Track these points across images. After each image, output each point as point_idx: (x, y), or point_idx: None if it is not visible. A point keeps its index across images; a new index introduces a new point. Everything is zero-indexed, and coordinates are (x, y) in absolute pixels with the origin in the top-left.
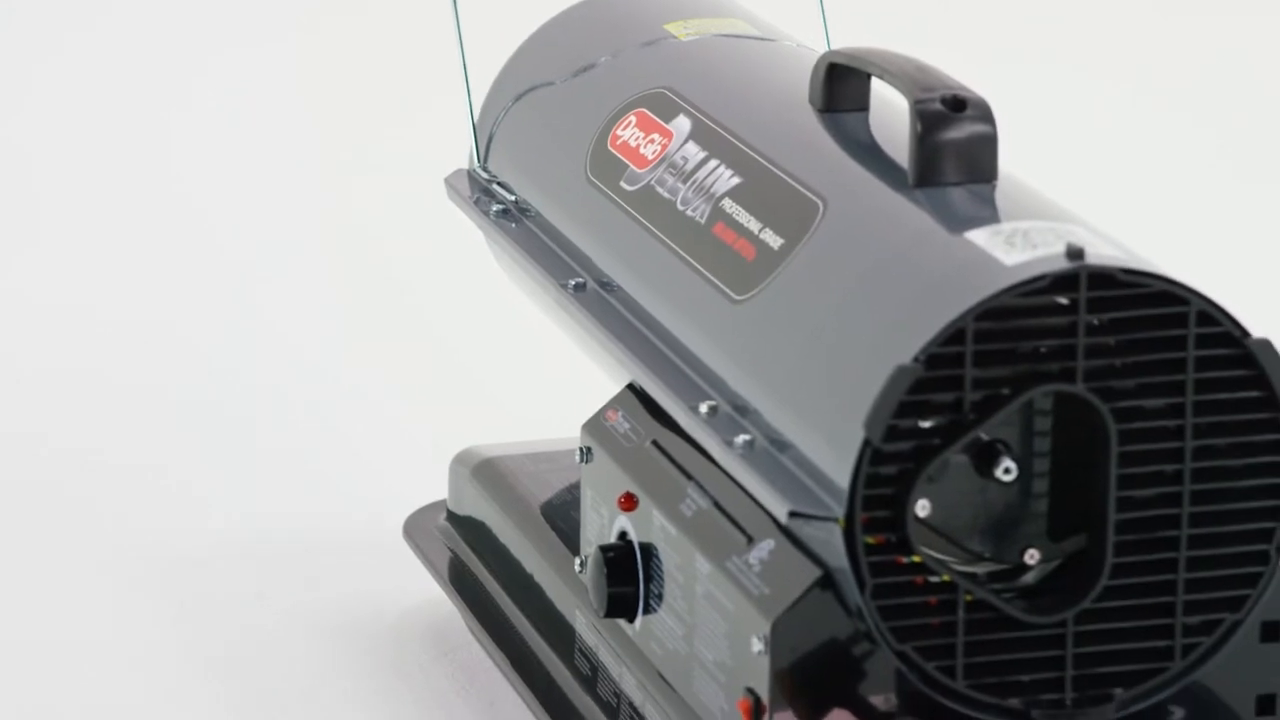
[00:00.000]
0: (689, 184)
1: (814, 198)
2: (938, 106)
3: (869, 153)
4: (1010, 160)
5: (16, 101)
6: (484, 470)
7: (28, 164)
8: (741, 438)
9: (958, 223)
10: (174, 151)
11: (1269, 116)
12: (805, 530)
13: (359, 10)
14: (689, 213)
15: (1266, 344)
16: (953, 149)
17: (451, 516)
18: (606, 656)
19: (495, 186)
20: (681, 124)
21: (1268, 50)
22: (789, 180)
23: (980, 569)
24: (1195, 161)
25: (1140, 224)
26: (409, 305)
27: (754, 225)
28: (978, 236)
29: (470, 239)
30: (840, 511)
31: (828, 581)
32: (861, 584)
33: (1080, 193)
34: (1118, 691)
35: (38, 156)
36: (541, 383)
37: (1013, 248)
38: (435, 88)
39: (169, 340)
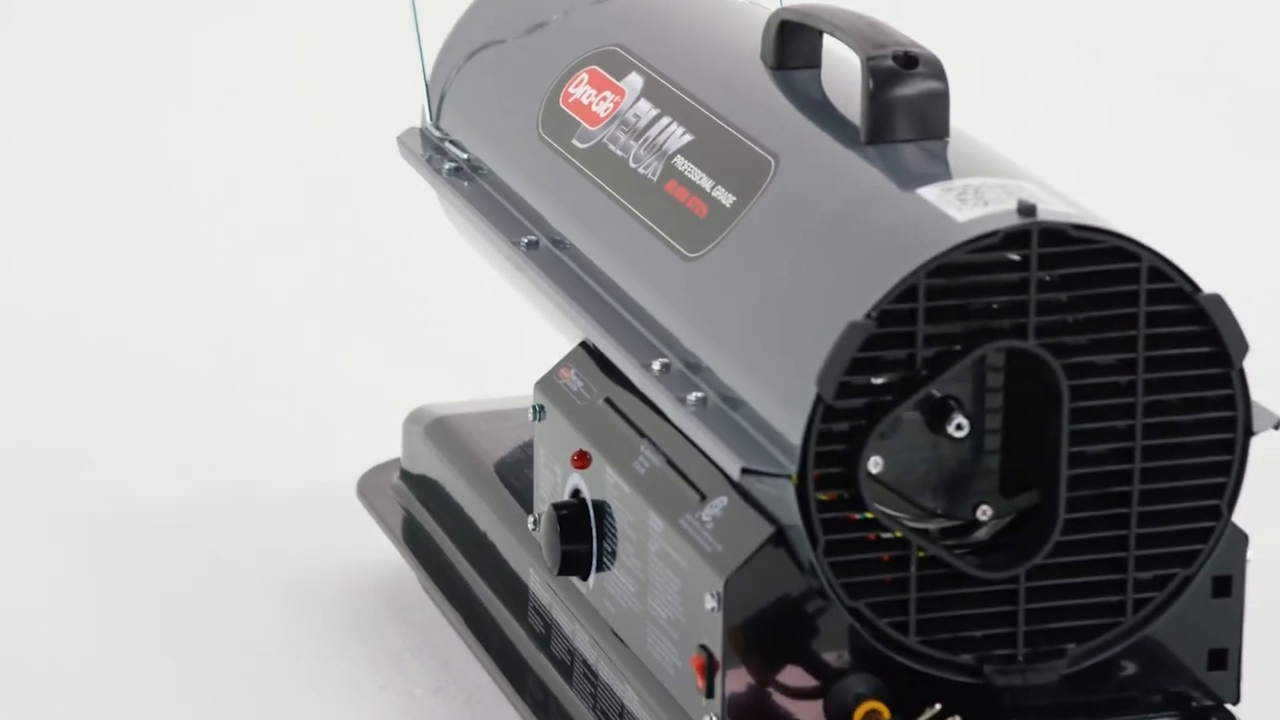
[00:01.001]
0: (641, 141)
1: (766, 155)
2: (889, 63)
3: (821, 110)
4: (963, 118)
5: None
6: (437, 429)
7: None
8: (694, 395)
9: (909, 180)
10: (136, 112)
11: (1223, 73)
12: (758, 487)
13: None
14: (641, 170)
15: (1217, 299)
16: (904, 106)
17: (405, 475)
18: (560, 614)
19: (448, 144)
20: (633, 81)
21: (1216, 5)
22: (741, 138)
23: (933, 525)
24: (1148, 118)
25: (1092, 181)
26: (360, 264)
27: (706, 183)
28: (929, 193)
29: (423, 197)
30: (793, 468)
31: (780, 538)
32: (814, 540)
33: (1032, 150)
34: (1070, 647)
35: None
36: (494, 341)
37: (964, 204)
38: (387, 45)
39: (120, 298)
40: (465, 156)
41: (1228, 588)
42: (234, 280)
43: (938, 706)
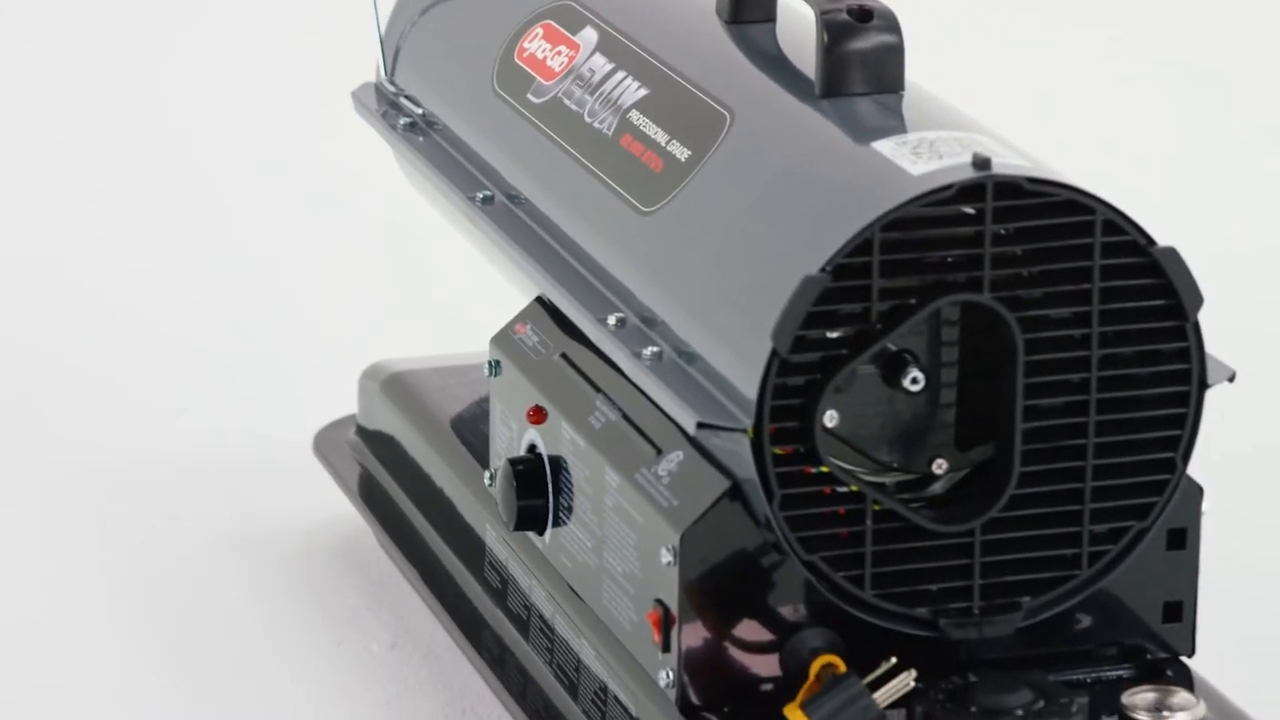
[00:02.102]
0: (596, 96)
1: (721, 109)
2: (844, 17)
3: (776, 64)
4: (918, 72)
5: None
6: (393, 385)
7: None
8: (649, 350)
9: (864, 133)
10: (101, 63)
11: (1179, 28)
12: (713, 441)
13: None
14: (596, 125)
15: (1172, 252)
16: (859, 59)
17: (361, 431)
18: (516, 569)
19: (403, 100)
20: (588, 36)
21: None
22: (696, 92)
23: (888, 479)
24: (1104, 74)
25: (1049, 136)
26: (315, 220)
27: (661, 137)
28: (884, 147)
29: (378, 152)
30: (748, 423)
31: (736, 492)
32: (770, 495)
33: (988, 105)
34: (1025, 600)
35: None
36: (450, 296)
37: (919, 158)
38: (342, 1)
39: (78, 248)
40: (420, 112)
41: (1182, 540)
42: (189, 235)
43: (893, 660)
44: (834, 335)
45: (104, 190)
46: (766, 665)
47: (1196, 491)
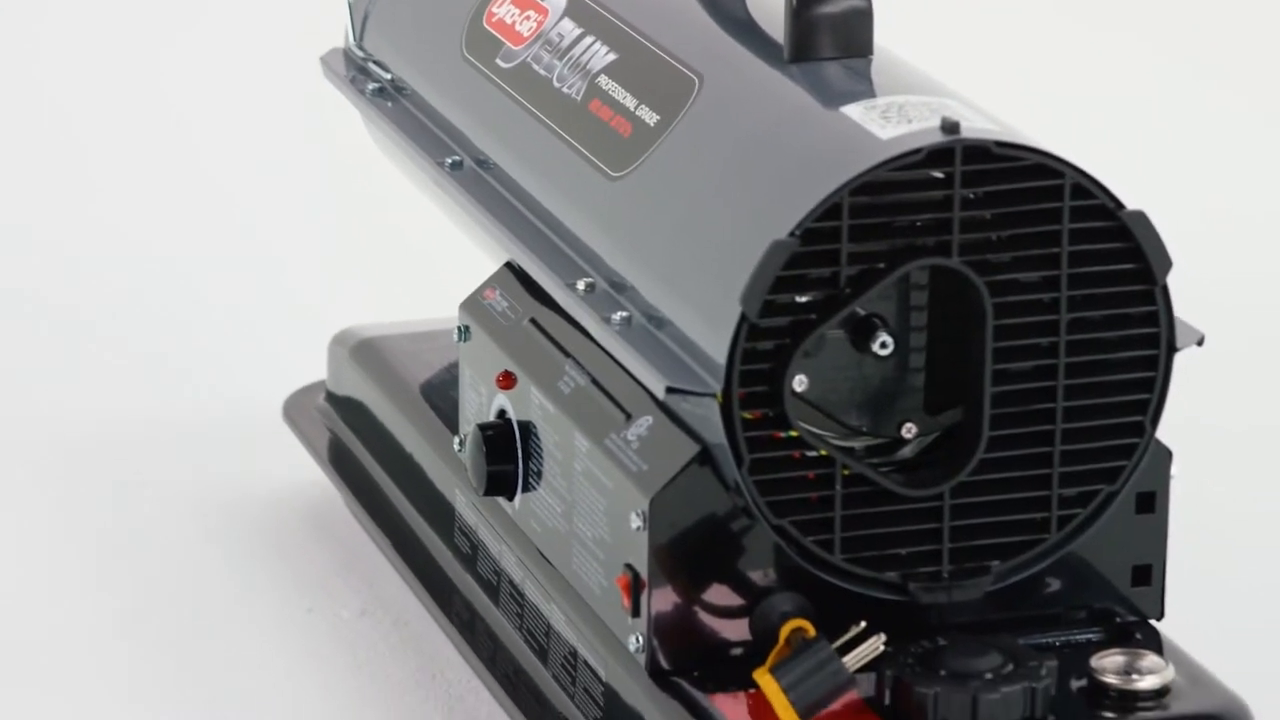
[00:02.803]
0: (565, 61)
1: (690, 74)
2: None
3: (745, 28)
4: (887, 36)
5: None
6: (362, 350)
7: None
8: (619, 314)
9: (833, 97)
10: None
11: None
12: (683, 406)
13: None
14: (565, 90)
15: (1141, 216)
16: (827, 23)
17: (330, 397)
18: (486, 535)
19: (371, 65)
20: (557, 0)
21: None
22: (665, 57)
23: (857, 443)
24: (1080, 37)
25: (1017, 99)
26: (285, 185)
27: (630, 102)
28: (853, 111)
29: (347, 117)
30: (717, 387)
31: (705, 457)
32: (739, 459)
33: (957, 70)
34: (994, 563)
35: None
36: (419, 262)
37: (888, 122)
38: None
39: (39, 211)
40: (389, 77)
41: (1151, 504)
42: (158, 199)
43: (863, 624)
44: (803, 300)
45: (73, 152)
46: (736, 630)
47: (1165, 455)
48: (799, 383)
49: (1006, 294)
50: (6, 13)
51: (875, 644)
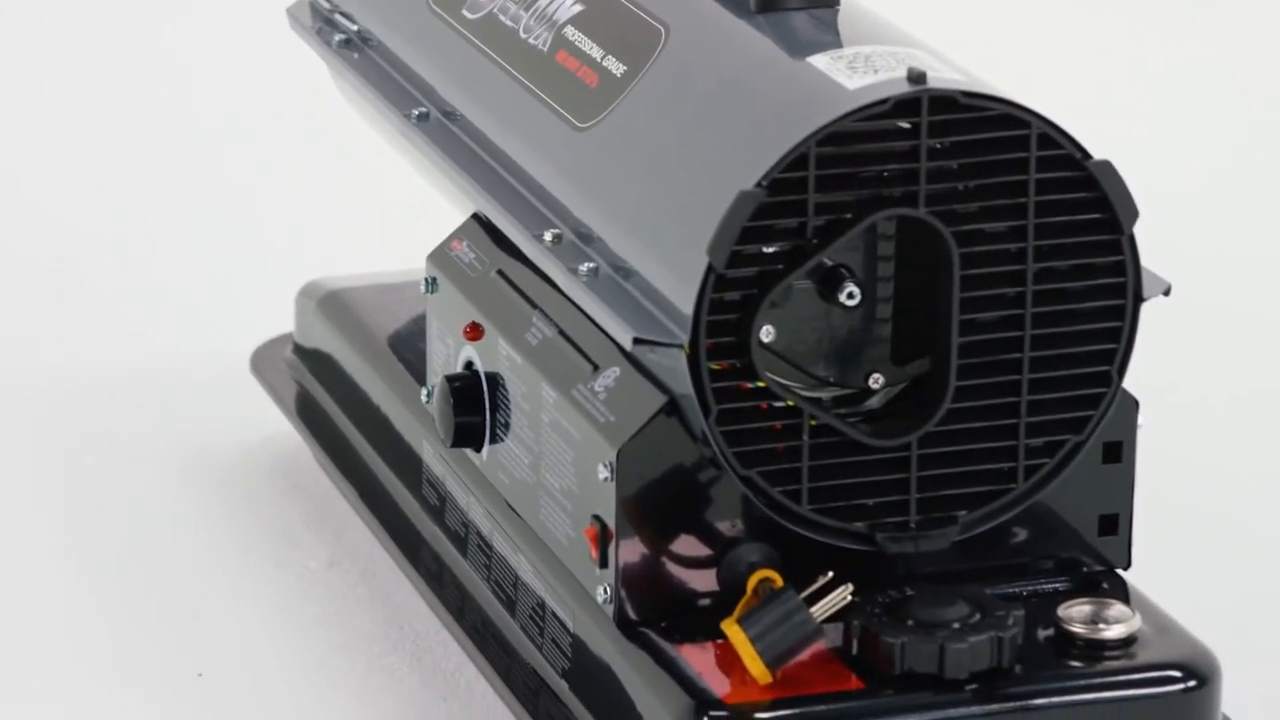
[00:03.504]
0: (531, 12)
1: (656, 24)
2: None
3: None
4: None
5: None
6: (330, 302)
7: None
8: (586, 265)
9: (799, 48)
10: None
11: None
12: (650, 357)
13: None
14: (531, 41)
15: (1107, 165)
16: None
17: (298, 349)
18: (454, 486)
19: (338, 16)
20: None
21: None
22: (631, 7)
23: (825, 394)
24: None
25: (984, 49)
26: (252, 138)
27: (596, 52)
28: (819, 61)
29: (313, 69)
30: (684, 338)
31: (673, 408)
32: (706, 410)
33: (924, 20)
34: (961, 513)
35: None
36: (386, 213)
37: (854, 72)
38: None
39: (7, 160)
40: (355, 28)
41: (1118, 454)
42: (125, 151)
43: (830, 574)
44: (770, 250)
45: (35, 103)
46: (704, 580)
47: (1132, 405)
48: (766, 333)
49: (973, 244)
50: None
51: (843, 594)
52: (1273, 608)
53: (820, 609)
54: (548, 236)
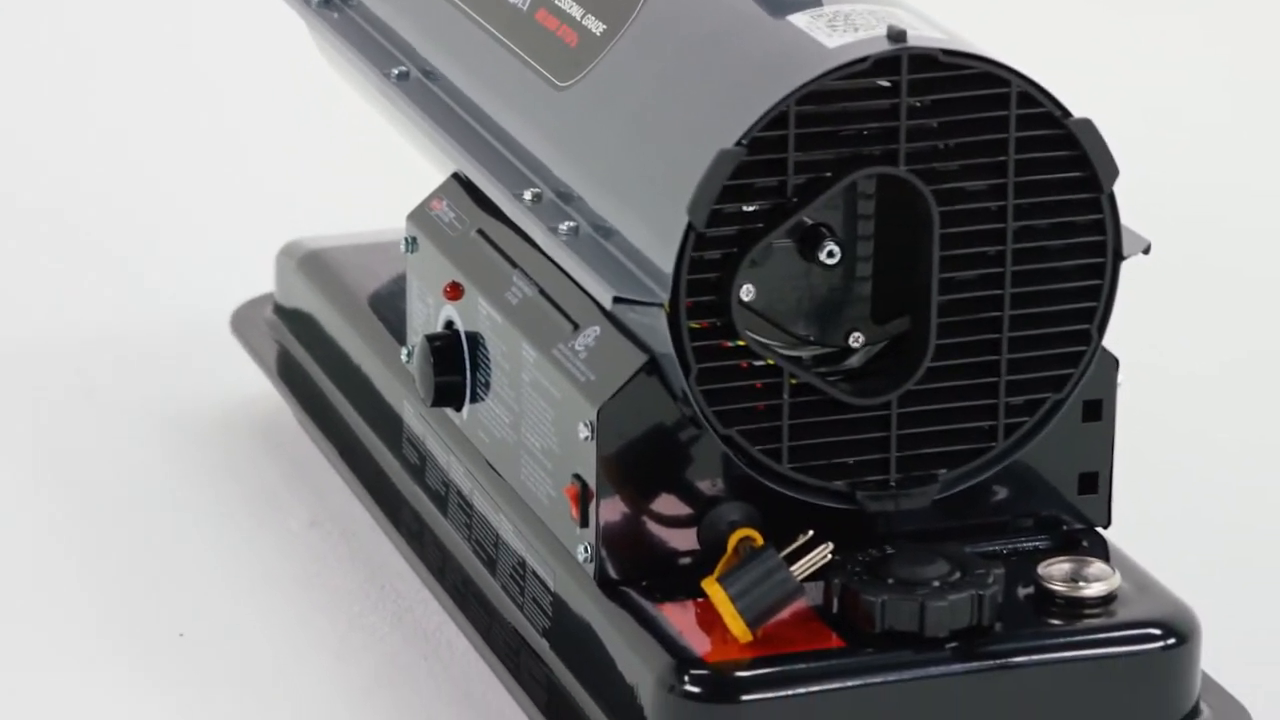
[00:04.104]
0: None
1: None
2: None
3: None
4: None
5: None
6: (310, 262)
7: None
8: (566, 224)
9: (779, 6)
10: None
11: None
12: (630, 316)
13: None
14: (511, 0)
15: (1088, 124)
16: None
17: (278, 309)
18: (434, 446)
19: None
20: None
21: None
22: None
23: (805, 353)
24: None
25: (965, 8)
26: (232, 99)
27: (576, 11)
28: (799, 20)
29: (295, 29)
30: (665, 297)
31: (653, 367)
32: (686, 369)
33: None
34: (942, 472)
35: None
36: (366, 173)
37: (834, 31)
38: None
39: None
40: None
41: (1098, 412)
42: (105, 110)
43: (810, 533)
44: (750, 209)
45: (19, 58)
46: (684, 539)
47: (1112, 363)
48: (746, 292)
49: (953, 202)
50: None
51: (823, 552)
52: (1252, 567)
53: (800, 567)
54: (528, 195)
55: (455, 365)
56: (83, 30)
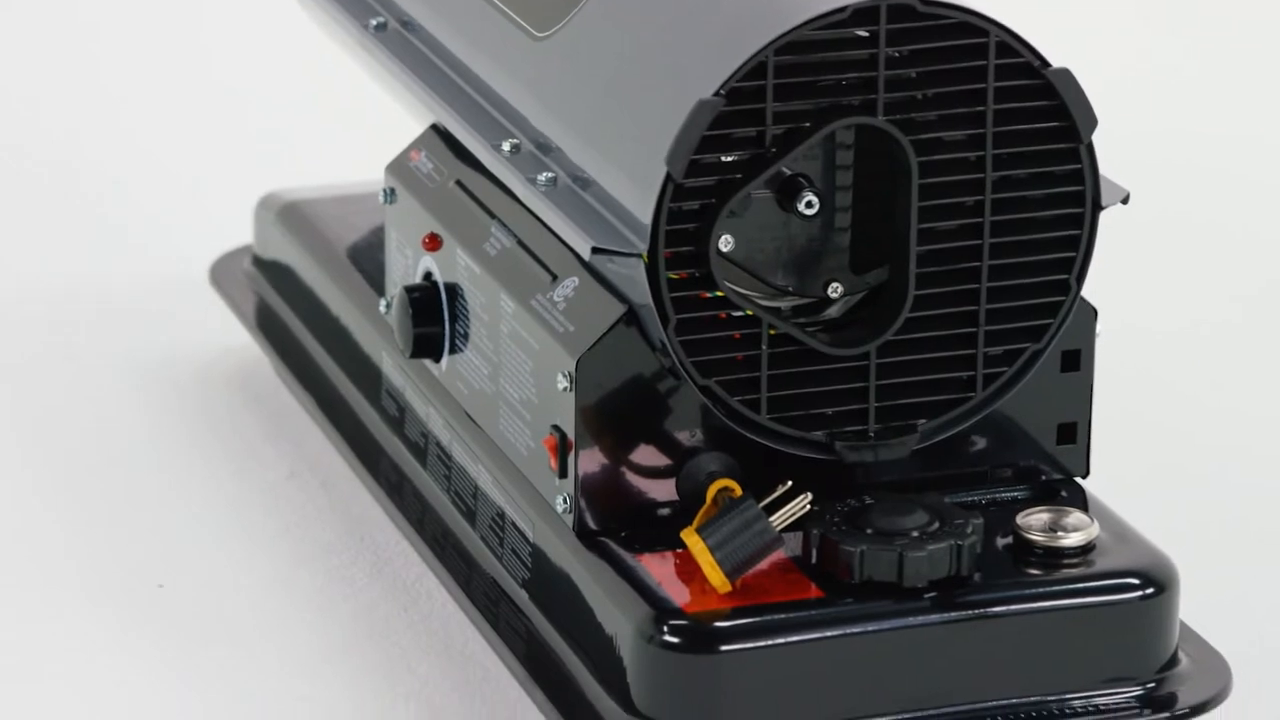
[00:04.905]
0: None
1: None
2: None
3: None
4: None
5: None
6: (289, 214)
7: None
8: (544, 175)
9: None
10: None
11: None
12: (609, 267)
13: None
14: None
15: (1066, 74)
16: None
17: (257, 261)
18: (413, 397)
19: None
20: None
21: None
22: None
23: (784, 303)
24: None
25: None
26: (209, 52)
27: None
28: None
29: None
30: (643, 247)
31: (632, 318)
32: (665, 319)
33: None
34: (920, 422)
35: None
36: (344, 125)
37: None
38: None
39: None
40: None
41: (1077, 362)
42: (84, 63)
43: (789, 483)
44: (728, 159)
45: (5, 11)
46: (663, 490)
47: (1090, 313)
48: (725, 243)
49: (932, 152)
50: None
51: (802, 503)
52: (1231, 516)
53: (779, 518)
54: (506, 147)
55: (434, 316)
56: None
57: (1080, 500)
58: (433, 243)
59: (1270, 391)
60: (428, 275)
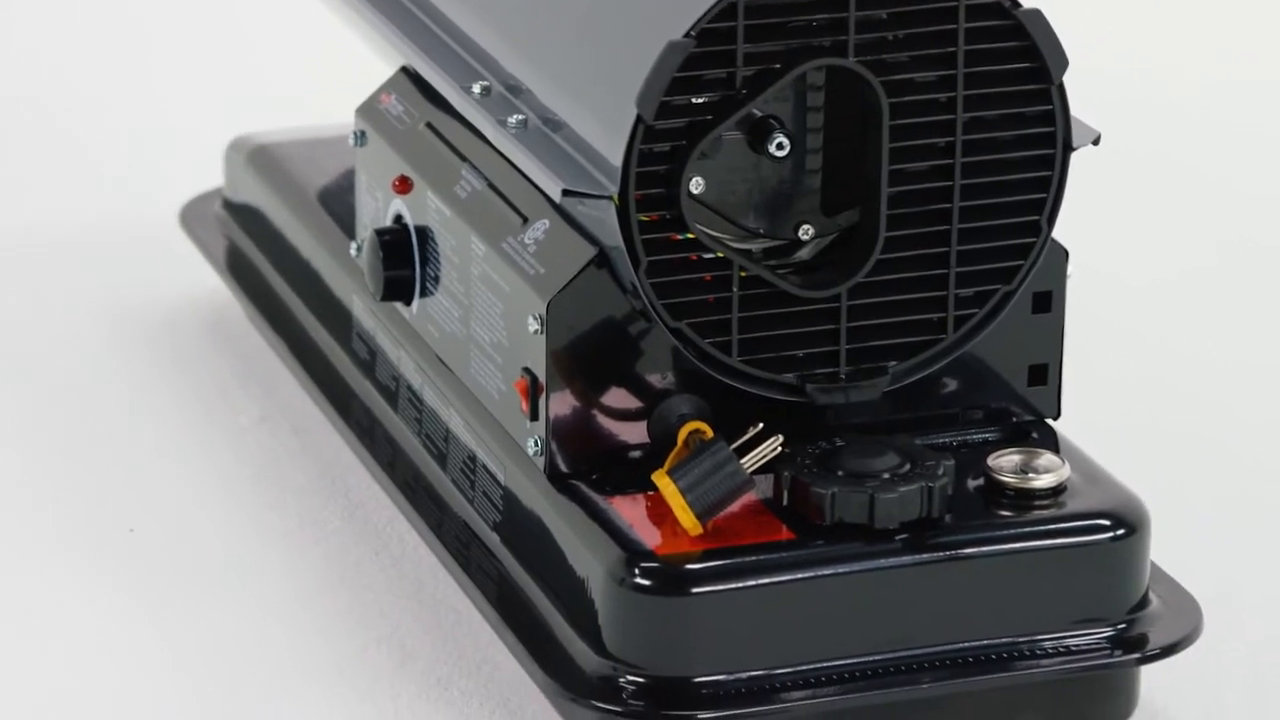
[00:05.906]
0: None
1: None
2: None
3: None
4: None
5: None
6: (259, 156)
7: None
8: (515, 118)
9: None
10: None
11: None
12: (580, 209)
13: None
14: None
15: (1037, 14)
16: None
17: (227, 204)
18: (384, 340)
19: None
20: None
21: None
22: None
23: (755, 245)
24: None
25: None
26: None
27: None
28: None
29: None
30: (613, 189)
31: (603, 260)
32: (636, 262)
33: None
34: (891, 364)
35: None
36: (314, 67)
37: None
38: None
39: None
40: None
41: (1048, 303)
42: (54, 20)
43: (760, 425)
44: (699, 101)
45: None
46: (634, 432)
47: (1061, 254)
48: (695, 185)
49: (903, 94)
50: None
51: (773, 445)
52: (1203, 458)
53: (751, 460)
54: (476, 89)
55: (404, 259)
56: None
57: (1051, 442)
58: (403, 185)
59: (1241, 335)
60: (398, 218)
